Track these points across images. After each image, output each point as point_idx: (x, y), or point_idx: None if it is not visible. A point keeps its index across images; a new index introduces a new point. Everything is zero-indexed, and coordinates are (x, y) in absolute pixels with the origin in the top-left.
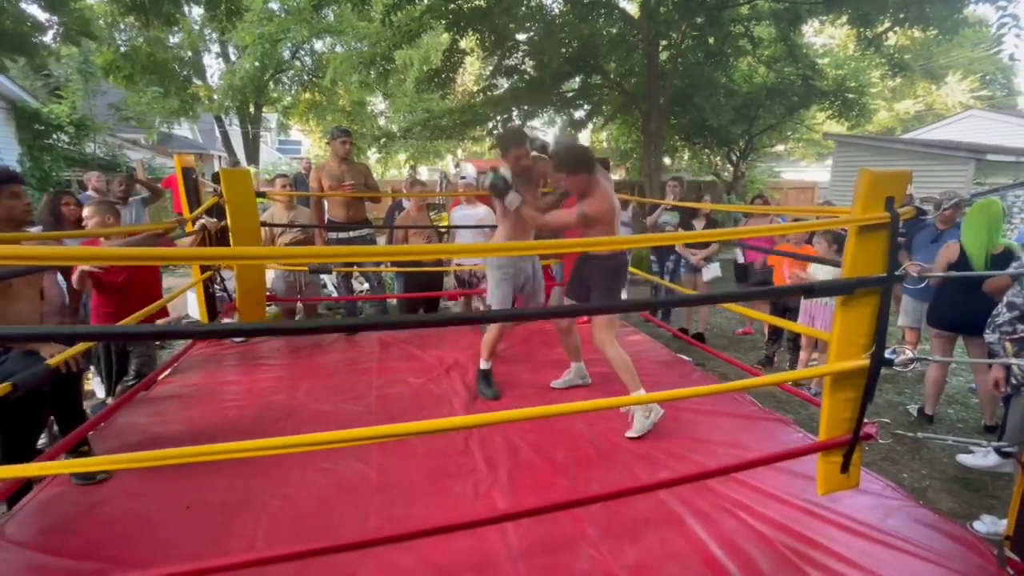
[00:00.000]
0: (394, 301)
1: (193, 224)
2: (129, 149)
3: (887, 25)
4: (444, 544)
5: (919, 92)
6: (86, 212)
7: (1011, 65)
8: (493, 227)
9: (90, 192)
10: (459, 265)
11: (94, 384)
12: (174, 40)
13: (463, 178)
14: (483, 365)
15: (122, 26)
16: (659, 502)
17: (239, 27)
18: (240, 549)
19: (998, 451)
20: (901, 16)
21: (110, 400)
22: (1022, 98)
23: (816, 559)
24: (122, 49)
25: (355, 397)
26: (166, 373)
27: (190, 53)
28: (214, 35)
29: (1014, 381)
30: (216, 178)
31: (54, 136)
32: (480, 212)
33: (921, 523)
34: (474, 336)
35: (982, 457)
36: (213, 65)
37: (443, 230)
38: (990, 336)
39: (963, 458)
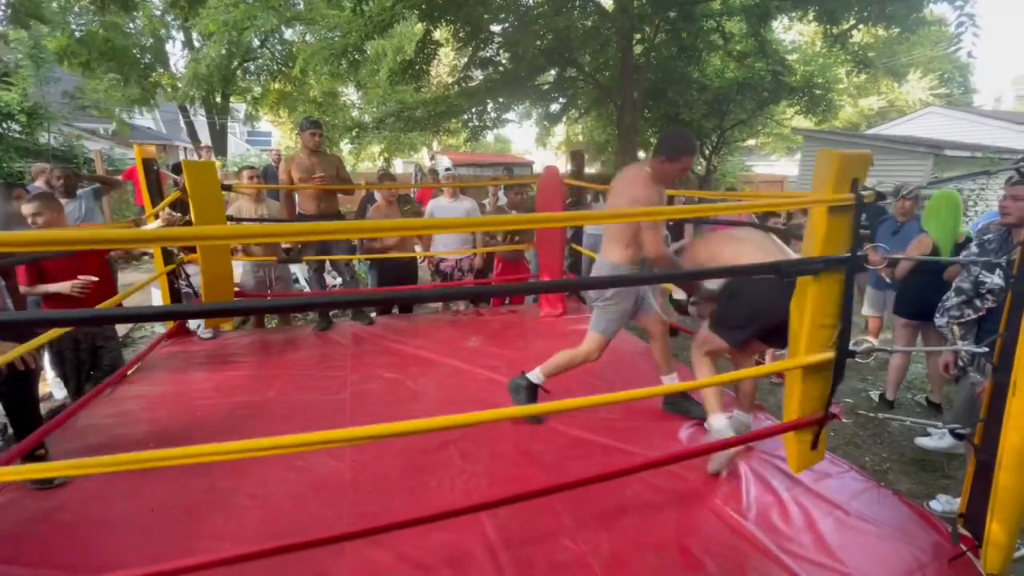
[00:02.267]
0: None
1: (156, 218)
2: (87, 139)
3: (852, 22)
4: (420, 540)
5: (882, 89)
6: (29, 209)
7: (968, 64)
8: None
9: (38, 184)
10: (442, 260)
11: (51, 386)
12: (134, 26)
13: (447, 169)
14: (534, 377)
15: (76, 9)
16: (634, 492)
17: (203, 13)
18: (207, 552)
19: (952, 433)
20: (865, 14)
21: (70, 401)
22: (978, 96)
23: (784, 542)
24: (77, 34)
25: (329, 394)
26: (130, 372)
27: (151, 40)
28: (177, 21)
29: (961, 363)
30: (176, 168)
31: (4, 125)
32: (464, 206)
33: (882, 504)
34: (450, 329)
35: (938, 440)
36: (177, 53)
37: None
38: (939, 320)
39: (921, 441)
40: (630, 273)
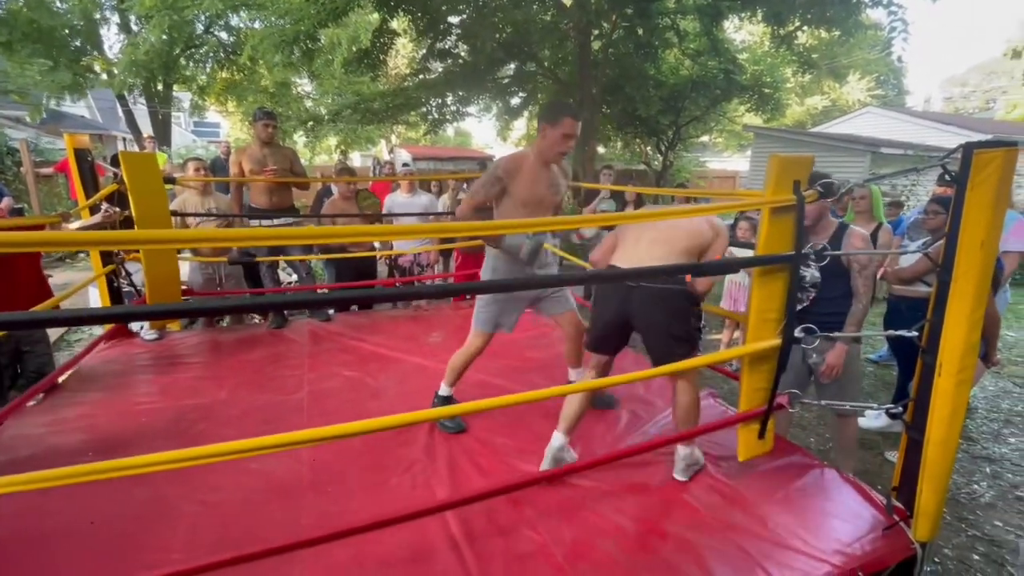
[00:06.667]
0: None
1: (91, 212)
2: (10, 128)
3: (796, 24)
4: (382, 536)
5: (825, 89)
6: None
7: (901, 67)
8: (438, 214)
9: None
10: (401, 252)
11: None
12: (63, 6)
13: (405, 164)
14: (443, 391)
15: None
16: (593, 482)
17: None
18: (153, 564)
19: (888, 413)
20: (808, 16)
21: None
22: (910, 97)
23: (737, 522)
24: None
25: (285, 394)
26: (65, 376)
27: (83, 21)
28: (111, 2)
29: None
30: (116, 161)
31: None
32: (422, 201)
33: (825, 482)
34: (411, 324)
35: (875, 419)
36: (113, 36)
37: (376, 219)
38: None
39: (859, 421)
40: (505, 261)
